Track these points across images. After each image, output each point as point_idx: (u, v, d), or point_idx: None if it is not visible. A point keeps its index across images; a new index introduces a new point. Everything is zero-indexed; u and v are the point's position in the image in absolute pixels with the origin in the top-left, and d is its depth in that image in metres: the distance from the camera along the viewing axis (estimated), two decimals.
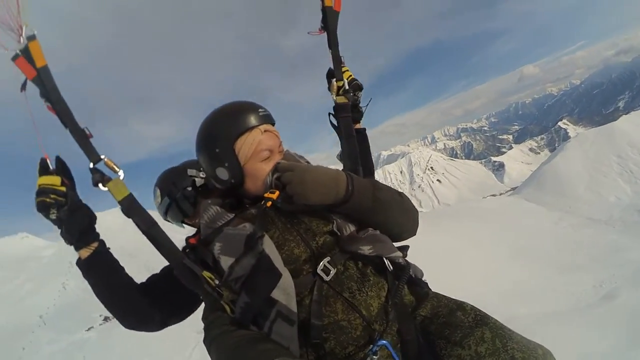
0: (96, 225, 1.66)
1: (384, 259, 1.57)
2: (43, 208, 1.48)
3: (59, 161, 1.57)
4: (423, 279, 1.76)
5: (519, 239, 13.39)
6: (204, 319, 1.49)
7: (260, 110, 1.67)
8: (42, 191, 1.48)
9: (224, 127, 1.62)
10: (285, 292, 1.36)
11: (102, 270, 1.62)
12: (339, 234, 1.56)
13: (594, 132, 22.30)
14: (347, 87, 2.09)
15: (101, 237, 1.69)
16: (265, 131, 1.66)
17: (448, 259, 11.48)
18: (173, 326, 1.79)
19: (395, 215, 1.67)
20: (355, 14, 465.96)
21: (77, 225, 1.55)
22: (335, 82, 2.09)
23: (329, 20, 2.05)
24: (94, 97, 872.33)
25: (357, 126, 2.22)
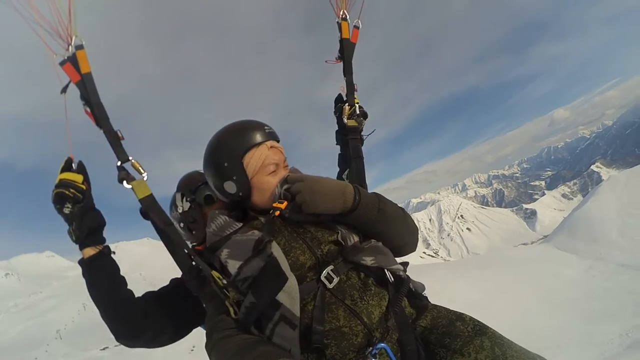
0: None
1: (385, 270, 1.60)
2: (60, 200, 1.57)
3: (81, 165, 1.69)
4: (424, 293, 1.80)
5: (548, 288, 12.96)
6: (206, 323, 1.53)
7: (266, 127, 1.77)
8: (62, 184, 1.57)
9: (232, 143, 1.71)
10: (290, 295, 1.39)
11: (102, 272, 1.68)
12: (343, 243, 1.61)
13: (626, 174, 21.80)
14: (357, 111, 2.20)
15: (129, 265, 1.74)
16: (271, 147, 1.75)
17: (474, 307, 11.26)
18: (187, 349, 1.83)
19: (398, 228, 1.73)
20: (384, 65, 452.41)
21: (87, 223, 1.63)
22: (347, 106, 2.20)
23: (345, 51, 2.21)
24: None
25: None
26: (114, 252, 1.80)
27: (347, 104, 2.22)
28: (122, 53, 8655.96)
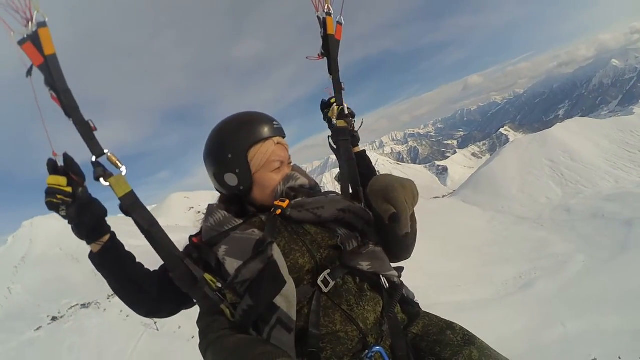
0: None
1: (381, 276, 1.60)
2: (52, 208, 1.45)
3: (67, 158, 1.48)
4: (415, 300, 1.80)
5: (453, 236, 13.89)
6: (198, 323, 1.49)
7: (274, 122, 1.73)
8: (49, 192, 1.44)
9: (238, 135, 1.65)
10: (287, 299, 1.38)
11: (111, 265, 1.61)
12: (342, 248, 1.57)
13: (529, 138, 23.11)
14: (346, 111, 2.12)
15: (47, 241, 1.65)
16: (277, 143, 1.72)
17: None
18: (121, 318, 1.78)
19: (412, 243, 1.73)
20: (297, 25, 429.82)
21: (85, 222, 1.51)
22: (335, 107, 2.12)
23: (330, 48, 2.08)
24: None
25: (357, 149, 2.25)
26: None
27: (335, 104, 2.13)
28: None
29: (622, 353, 4.59)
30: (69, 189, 1.45)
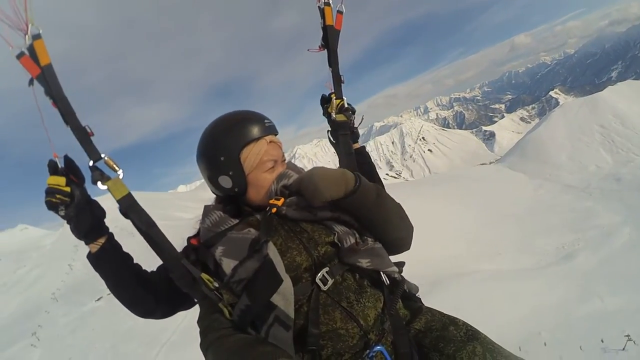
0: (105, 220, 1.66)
1: (381, 273, 1.64)
2: (51, 207, 1.49)
3: (67, 160, 1.54)
4: (417, 294, 1.82)
5: (496, 204, 13.70)
6: (199, 322, 1.50)
7: (266, 121, 1.71)
8: (49, 191, 1.48)
9: (229, 137, 1.64)
10: (284, 297, 1.38)
11: (108, 266, 1.64)
12: (339, 245, 1.58)
13: (578, 102, 22.22)
14: (346, 105, 2.09)
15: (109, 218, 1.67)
16: (270, 142, 1.70)
17: (425, 220, 11.94)
18: None
19: (394, 217, 1.71)
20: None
21: (84, 223, 1.54)
22: (335, 101, 2.08)
23: (330, 39, 2.03)
24: (91, 83, 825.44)
25: (356, 146, 2.21)
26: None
27: (335, 97, 2.09)
28: (56, 5, 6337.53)
29: None
30: (68, 189, 1.49)
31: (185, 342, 9.00)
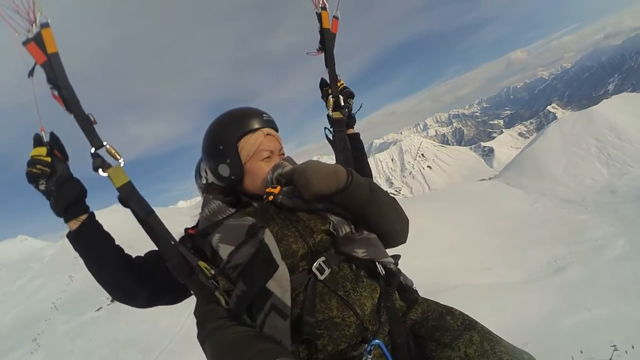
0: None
1: (377, 263, 1.63)
2: (32, 179, 1.48)
3: (53, 136, 1.55)
4: (413, 287, 1.84)
5: (492, 219, 13.82)
6: (195, 313, 1.50)
7: (264, 115, 1.80)
8: (30, 162, 1.47)
9: (229, 127, 1.74)
10: (280, 284, 1.39)
11: (89, 244, 1.62)
12: (335, 234, 1.62)
13: (574, 116, 22.35)
14: (342, 103, 2.19)
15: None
16: (267, 134, 1.79)
17: (419, 234, 12.00)
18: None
19: (388, 211, 1.73)
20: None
21: (64, 197, 1.53)
22: (331, 99, 2.18)
23: (326, 42, 2.15)
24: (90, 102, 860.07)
25: (351, 131, 2.32)
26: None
27: (331, 96, 2.20)
28: (66, 27, 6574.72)
29: None
30: (48, 159, 1.49)
31: (183, 350, 9.14)
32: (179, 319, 11.75)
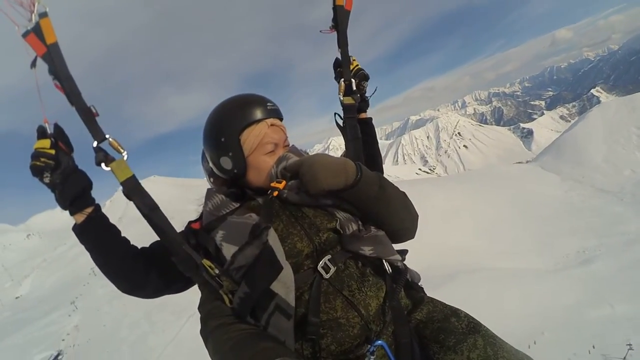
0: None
1: (384, 261, 1.59)
2: (36, 172, 1.45)
3: (57, 127, 1.50)
4: (420, 284, 1.79)
5: (525, 204, 13.71)
6: (200, 309, 1.49)
7: (268, 104, 1.68)
8: (34, 155, 1.44)
9: (231, 118, 1.63)
10: (285, 285, 1.36)
11: (94, 237, 1.59)
12: (341, 231, 1.56)
13: (617, 102, 21.72)
14: (354, 87, 2.06)
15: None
16: (271, 125, 1.67)
17: (448, 215, 12.01)
18: None
19: (398, 208, 1.66)
20: None
21: (69, 190, 1.50)
22: (342, 82, 2.07)
23: (339, 20, 2.02)
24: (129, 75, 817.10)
25: (363, 116, 2.21)
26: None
27: (343, 79, 2.07)
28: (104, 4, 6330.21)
29: None
30: (52, 151, 1.45)
31: None
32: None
